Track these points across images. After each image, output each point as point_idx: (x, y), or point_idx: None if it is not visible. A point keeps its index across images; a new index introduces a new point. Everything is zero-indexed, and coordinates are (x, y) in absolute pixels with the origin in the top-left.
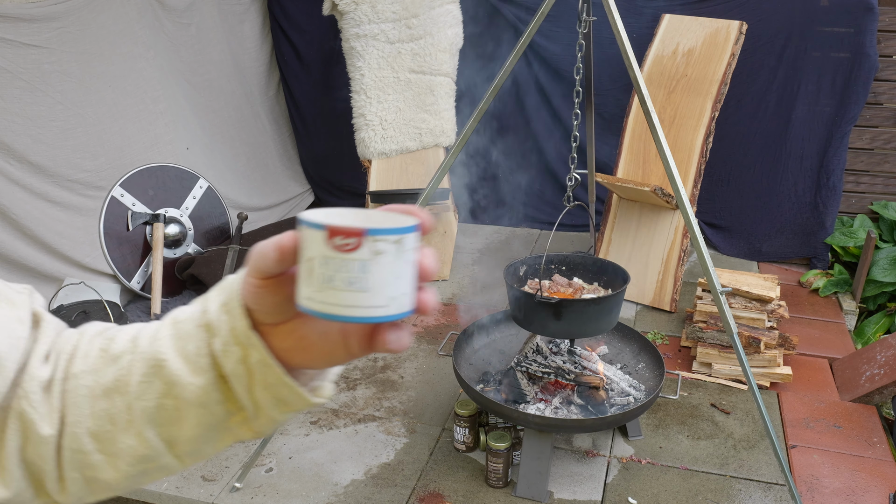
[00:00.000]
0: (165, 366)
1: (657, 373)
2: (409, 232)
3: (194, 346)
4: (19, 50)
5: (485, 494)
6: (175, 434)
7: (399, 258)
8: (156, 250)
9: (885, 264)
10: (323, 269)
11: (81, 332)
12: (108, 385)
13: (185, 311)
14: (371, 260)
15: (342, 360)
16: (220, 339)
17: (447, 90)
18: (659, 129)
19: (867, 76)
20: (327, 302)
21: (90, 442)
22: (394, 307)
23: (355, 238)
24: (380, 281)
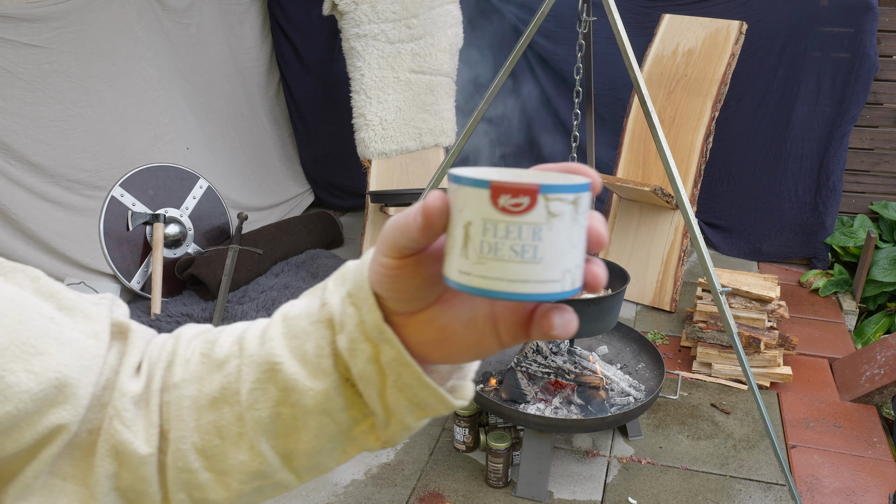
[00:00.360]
0: (280, 369)
1: (657, 373)
2: (585, 190)
3: (313, 345)
4: (19, 50)
5: (485, 494)
6: (292, 446)
7: (575, 222)
8: (156, 250)
9: (885, 264)
10: (484, 235)
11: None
12: (215, 394)
13: (297, 306)
14: (545, 224)
15: (490, 351)
16: (346, 336)
17: (447, 90)
18: (659, 129)
19: (867, 76)
20: (489, 276)
21: (197, 459)
22: (568, 281)
23: (527, 196)
24: (554, 249)
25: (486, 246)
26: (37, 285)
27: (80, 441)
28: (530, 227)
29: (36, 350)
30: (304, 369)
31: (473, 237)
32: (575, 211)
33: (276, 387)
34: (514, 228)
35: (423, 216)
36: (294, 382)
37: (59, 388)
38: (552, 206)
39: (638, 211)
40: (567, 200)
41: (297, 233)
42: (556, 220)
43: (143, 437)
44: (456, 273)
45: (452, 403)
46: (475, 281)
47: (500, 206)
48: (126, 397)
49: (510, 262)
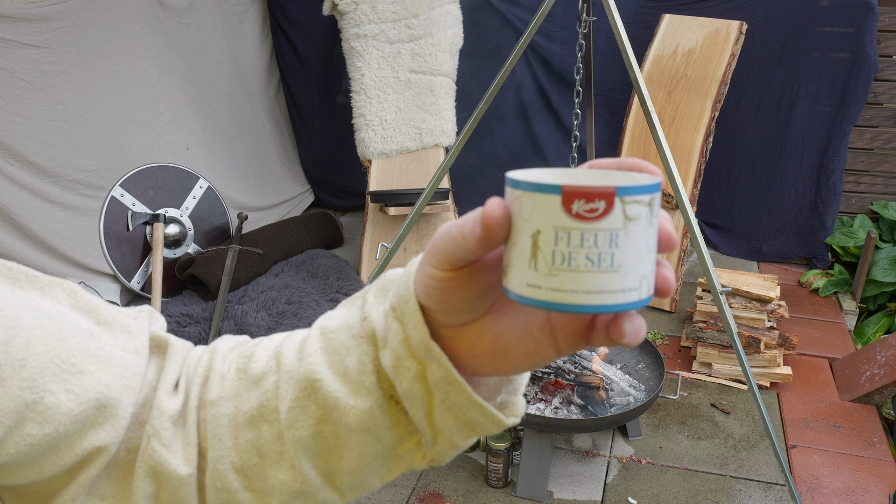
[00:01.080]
0: (320, 386)
1: (657, 373)
2: (658, 189)
3: (355, 361)
4: (19, 50)
5: (485, 494)
6: (335, 465)
7: (651, 224)
8: (156, 250)
9: (885, 264)
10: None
11: (213, 351)
12: (252, 412)
13: (336, 318)
14: (623, 229)
15: (546, 360)
16: (391, 353)
17: (447, 90)
18: (659, 129)
19: (867, 76)
20: (563, 289)
21: (236, 479)
22: (644, 289)
23: (603, 200)
24: (632, 256)
25: (558, 256)
26: (74, 300)
27: (119, 460)
28: (607, 234)
29: (76, 369)
30: (345, 386)
31: (543, 247)
32: (650, 213)
33: (317, 405)
34: (589, 236)
35: (483, 227)
36: (335, 400)
37: (100, 409)
38: (629, 210)
39: None
40: (643, 202)
41: (297, 233)
42: (633, 224)
43: (182, 457)
44: (523, 287)
45: (504, 422)
46: (548, 294)
47: (574, 213)
48: (164, 416)
49: (586, 272)
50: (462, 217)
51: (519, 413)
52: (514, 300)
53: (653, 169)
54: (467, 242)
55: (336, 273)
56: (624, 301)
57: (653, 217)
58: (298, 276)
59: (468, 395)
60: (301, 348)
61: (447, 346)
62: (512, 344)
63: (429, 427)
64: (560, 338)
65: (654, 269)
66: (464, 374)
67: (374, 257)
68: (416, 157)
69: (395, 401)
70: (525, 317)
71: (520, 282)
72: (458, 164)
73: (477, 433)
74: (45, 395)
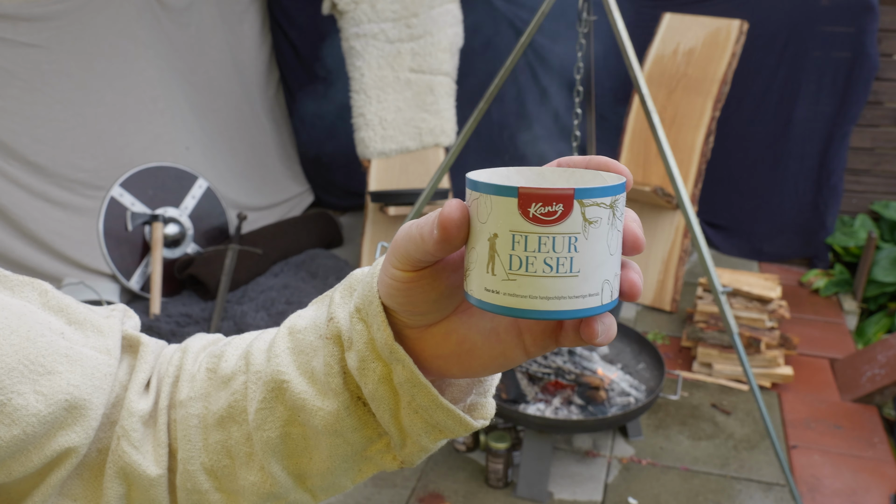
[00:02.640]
0: (287, 388)
1: (657, 373)
2: (622, 191)
3: (321, 362)
4: (18, 49)
5: (485, 495)
6: (304, 467)
7: (613, 227)
8: (155, 250)
9: (886, 264)
10: (514, 249)
11: (185, 350)
12: (222, 413)
13: (305, 318)
14: (582, 233)
15: (514, 362)
16: (356, 355)
17: (447, 90)
18: (659, 129)
19: (868, 76)
20: (521, 294)
21: (206, 480)
22: (607, 293)
23: (561, 203)
24: (593, 260)
25: (515, 260)
26: (45, 299)
27: (90, 461)
28: (565, 238)
29: (45, 369)
30: (312, 387)
31: (501, 251)
32: (613, 215)
33: (284, 406)
34: (547, 240)
35: (440, 230)
36: (302, 402)
37: (69, 410)
38: (589, 213)
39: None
40: (605, 205)
41: (296, 233)
42: (593, 227)
43: (153, 458)
44: (481, 291)
45: (472, 425)
46: (505, 300)
47: (531, 216)
48: (135, 416)
49: (544, 277)
50: (423, 217)
51: (488, 415)
52: (474, 304)
53: (620, 168)
54: (426, 244)
55: (336, 273)
56: (584, 307)
57: (615, 219)
58: (298, 276)
59: (434, 397)
60: (270, 348)
61: (412, 348)
62: (478, 345)
63: (396, 429)
64: (528, 339)
65: (619, 272)
66: (431, 375)
67: (374, 257)
68: (416, 156)
69: (363, 402)
70: (492, 318)
71: (479, 286)
72: (458, 164)
73: (445, 436)
74: (12, 396)
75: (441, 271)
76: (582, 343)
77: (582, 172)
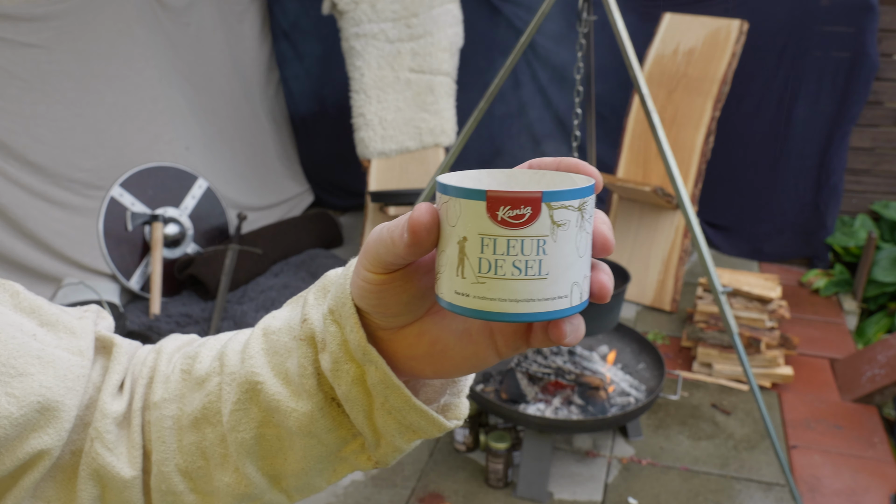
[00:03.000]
0: (262, 389)
1: (657, 373)
2: (591, 193)
3: (296, 363)
4: (18, 49)
5: (485, 495)
6: (279, 467)
7: (581, 229)
8: (155, 250)
9: (886, 264)
10: (483, 252)
11: (159, 351)
12: (196, 414)
13: (279, 319)
14: (550, 235)
15: (487, 363)
16: (329, 356)
17: (447, 90)
18: (659, 129)
19: (867, 76)
20: (490, 297)
21: (181, 481)
22: (576, 295)
23: (529, 207)
24: (561, 262)
25: (484, 263)
26: (17, 300)
27: (64, 463)
28: (534, 241)
29: (17, 371)
30: (286, 389)
31: (470, 254)
32: (581, 217)
33: (259, 407)
34: (515, 243)
35: (410, 233)
36: (277, 403)
37: (42, 412)
38: (557, 216)
39: (638, 211)
40: (573, 207)
41: (296, 233)
42: (561, 230)
43: (126, 460)
44: (451, 294)
45: (445, 425)
46: (474, 303)
47: (499, 219)
48: (108, 418)
49: (513, 279)
50: (395, 219)
51: (461, 415)
52: (444, 307)
53: (590, 170)
54: (396, 248)
55: None
56: (553, 309)
57: (584, 221)
58: (298, 276)
59: (407, 398)
60: (244, 349)
61: (385, 349)
62: (451, 347)
63: (370, 430)
64: (499, 340)
65: (588, 273)
66: (404, 376)
67: None
68: (416, 156)
69: (337, 404)
70: (464, 319)
71: (449, 289)
72: (458, 164)
73: (419, 436)
74: None
75: (413, 274)
76: (551, 344)
77: (552, 175)
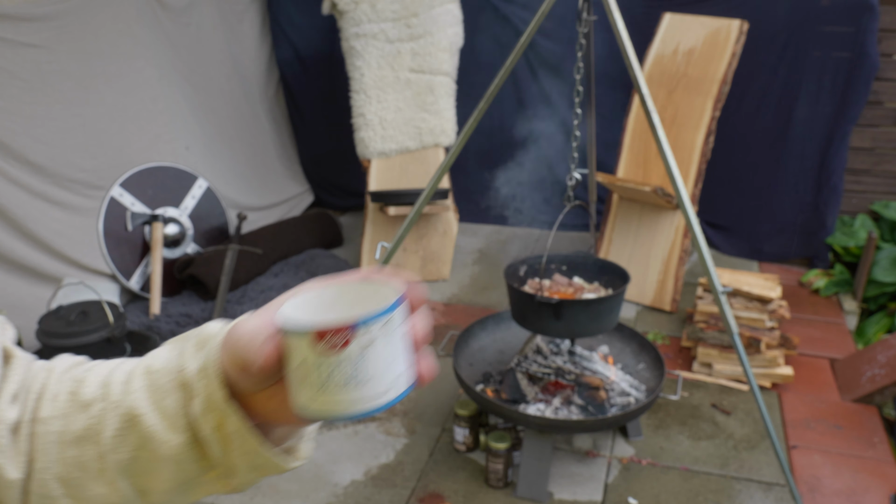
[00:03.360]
0: (141, 421)
1: (657, 373)
2: (396, 308)
3: (172, 403)
4: (18, 49)
5: (485, 495)
6: (149, 485)
7: (392, 338)
8: (155, 250)
9: (886, 264)
10: (317, 371)
11: (50, 370)
12: (79, 433)
13: (160, 359)
14: (363, 352)
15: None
16: (198, 404)
17: (447, 90)
18: (659, 129)
19: (868, 76)
20: (329, 403)
21: (58, 487)
22: (401, 384)
23: (343, 335)
24: (379, 367)
25: (319, 379)
26: None
27: None
28: (355, 356)
29: None
30: (163, 422)
31: (309, 374)
32: (389, 329)
33: (137, 435)
34: (338, 362)
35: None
36: (153, 433)
37: None
38: (367, 336)
39: (638, 211)
40: (380, 324)
41: (296, 233)
42: (375, 343)
43: (14, 464)
44: (301, 403)
45: (288, 467)
46: (319, 410)
47: (323, 348)
48: (3, 424)
49: (343, 388)
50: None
51: (303, 456)
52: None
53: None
54: (251, 370)
55: (336, 273)
56: (377, 404)
57: (396, 328)
58: (298, 276)
59: (257, 445)
60: (127, 381)
61: (244, 403)
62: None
63: (226, 466)
64: None
65: (412, 361)
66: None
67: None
68: (416, 156)
69: (201, 441)
70: None
71: (297, 398)
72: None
73: (266, 473)
74: None
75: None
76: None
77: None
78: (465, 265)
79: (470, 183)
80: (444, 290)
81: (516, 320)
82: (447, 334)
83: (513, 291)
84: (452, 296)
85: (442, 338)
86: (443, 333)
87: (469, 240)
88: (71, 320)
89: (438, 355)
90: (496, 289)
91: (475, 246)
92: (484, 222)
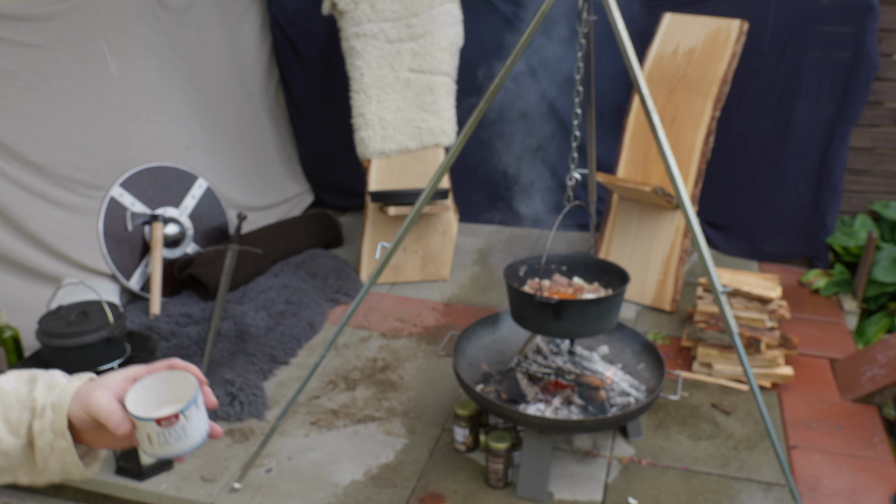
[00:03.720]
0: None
1: (657, 373)
2: (199, 392)
3: (17, 416)
4: (18, 49)
5: (485, 495)
6: None
7: (199, 410)
8: (155, 250)
9: (886, 264)
10: (158, 438)
11: None
12: None
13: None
14: (186, 422)
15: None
16: (41, 423)
17: (447, 89)
18: (659, 129)
19: (868, 76)
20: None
21: None
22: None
23: (174, 417)
24: (194, 428)
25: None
26: None
27: None
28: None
29: None
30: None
31: (154, 439)
32: (196, 405)
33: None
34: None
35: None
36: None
37: None
38: (187, 413)
39: (638, 211)
40: (195, 404)
41: (296, 233)
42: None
43: None
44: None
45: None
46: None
47: (162, 426)
48: None
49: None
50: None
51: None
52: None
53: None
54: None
55: (335, 273)
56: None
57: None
58: (298, 276)
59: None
60: None
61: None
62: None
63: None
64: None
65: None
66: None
67: (374, 257)
68: (416, 156)
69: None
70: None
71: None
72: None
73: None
74: None
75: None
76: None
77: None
78: (465, 265)
79: (470, 183)
80: (444, 290)
81: (516, 320)
82: (447, 334)
83: (513, 291)
84: (452, 296)
85: (442, 338)
86: (443, 333)
87: (469, 240)
88: (71, 320)
89: (438, 355)
90: (496, 289)
91: (475, 246)
92: (484, 222)
